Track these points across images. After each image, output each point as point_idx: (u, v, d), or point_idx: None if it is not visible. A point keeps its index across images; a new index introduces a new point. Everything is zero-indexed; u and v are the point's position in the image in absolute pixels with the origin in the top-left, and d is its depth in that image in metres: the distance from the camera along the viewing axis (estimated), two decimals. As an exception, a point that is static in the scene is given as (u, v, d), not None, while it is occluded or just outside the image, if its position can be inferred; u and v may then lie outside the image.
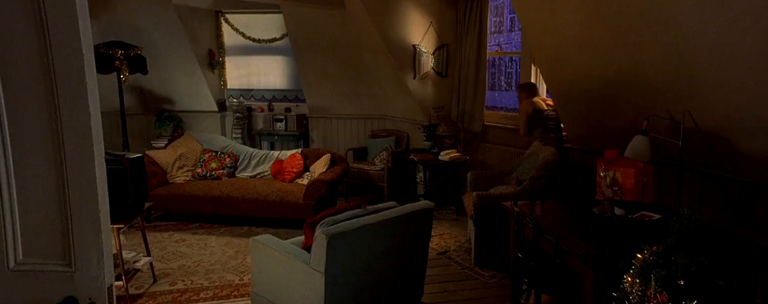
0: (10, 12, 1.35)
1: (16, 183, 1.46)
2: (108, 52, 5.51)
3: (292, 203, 4.61)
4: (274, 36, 6.56)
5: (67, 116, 1.37)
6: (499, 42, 5.61)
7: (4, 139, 1.44)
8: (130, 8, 5.80)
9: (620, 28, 3.12)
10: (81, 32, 1.33)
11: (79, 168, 1.41)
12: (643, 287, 1.59)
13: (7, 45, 1.37)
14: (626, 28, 3.08)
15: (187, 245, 4.43)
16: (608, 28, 3.21)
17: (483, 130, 5.70)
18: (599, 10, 3.17)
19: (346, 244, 2.69)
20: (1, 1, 1.35)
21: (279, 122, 6.57)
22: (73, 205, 1.44)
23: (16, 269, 1.50)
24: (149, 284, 3.63)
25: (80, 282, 1.48)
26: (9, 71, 1.38)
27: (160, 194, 4.82)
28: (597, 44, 3.34)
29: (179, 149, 5.32)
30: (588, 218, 2.83)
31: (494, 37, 5.64)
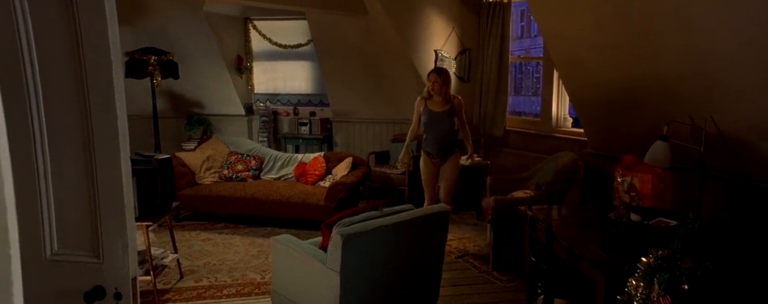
0: (48, 22, 1.48)
1: (52, 181, 1.59)
2: (142, 57, 5.76)
3: (314, 204, 4.72)
4: (299, 42, 6.72)
5: (96, 118, 1.48)
6: (527, 46, 5.61)
7: (43, 140, 1.56)
8: (163, 16, 6.05)
9: (639, 33, 3.11)
10: (110, 40, 1.45)
11: (106, 167, 1.53)
12: (647, 291, 1.60)
13: (45, 52, 1.50)
14: (645, 33, 3.06)
15: (213, 243, 4.58)
16: (627, 33, 3.20)
17: (505, 135, 5.70)
18: (617, 14, 3.16)
19: (362, 244, 2.76)
20: (41, 13, 1.48)
21: (303, 126, 6.71)
22: (101, 201, 1.55)
23: (52, 259, 1.62)
24: (176, 280, 3.78)
25: (107, 273, 1.59)
26: (46, 78, 1.51)
27: (189, 195, 4.99)
28: (616, 49, 3.34)
29: (207, 151, 5.51)
30: (603, 223, 2.83)
31: (522, 41, 5.65)
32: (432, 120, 4.07)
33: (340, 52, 6.07)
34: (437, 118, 4.07)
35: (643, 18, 3.02)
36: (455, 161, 4.18)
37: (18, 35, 1.48)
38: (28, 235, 1.60)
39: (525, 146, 5.47)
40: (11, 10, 1.48)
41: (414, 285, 3.17)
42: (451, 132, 4.14)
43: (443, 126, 4.08)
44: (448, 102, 4.09)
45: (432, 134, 4.12)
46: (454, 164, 4.18)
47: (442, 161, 4.14)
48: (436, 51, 5.50)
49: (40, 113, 1.54)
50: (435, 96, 4.07)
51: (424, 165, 4.22)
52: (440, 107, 4.08)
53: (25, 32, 1.49)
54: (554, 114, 5.20)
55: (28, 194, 1.56)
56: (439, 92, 4.04)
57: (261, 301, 3.46)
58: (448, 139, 4.13)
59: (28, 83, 1.52)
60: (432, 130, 4.10)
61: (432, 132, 4.11)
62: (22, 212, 1.58)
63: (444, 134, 4.10)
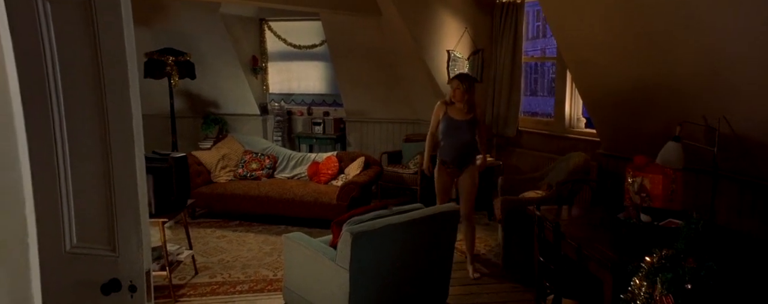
0: (69, 25, 1.55)
1: (71, 178, 1.66)
2: (160, 58, 5.88)
3: (326, 203, 4.77)
4: (313, 42, 6.79)
5: (113, 118, 1.55)
6: (542, 46, 5.60)
7: (63, 139, 1.63)
8: (180, 17, 6.17)
9: (650, 33, 3.09)
10: (126, 42, 1.51)
11: (122, 165, 1.59)
12: (651, 290, 1.61)
13: (65, 54, 1.57)
14: (656, 32, 3.05)
15: (227, 241, 4.66)
16: (639, 32, 3.19)
17: (517, 136, 5.70)
18: (629, 14, 3.15)
19: (371, 242, 2.80)
20: (62, 16, 1.55)
21: (317, 126, 6.78)
22: (117, 197, 1.61)
23: (72, 252, 1.69)
24: (191, 275, 3.86)
25: (122, 266, 1.65)
26: (66, 78, 1.58)
27: (204, 193, 5.09)
28: (627, 49, 3.32)
29: (222, 150, 5.60)
30: (613, 223, 2.83)
31: (537, 41, 5.64)
32: (451, 128, 3.82)
33: (354, 53, 6.12)
34: (457, 126, 3.81)
35: (654, 18, 3.01)
36: (473, 172, 3.91)
37: (41, 37, 1.55)
38: (48, 229, 1.67)
39: (538, 147, 5.46)
40: (35, 13, 1.55)
41: (423, 283, 3.20)
42: (471, 142, 3.88)
43: (463, 136, 3.83)
44: (471, 111, 3.82)
45: (449, 143, 3.85)
46: (471, 175, 3.90)
47: (458, 171, 3.89)
48: (448, 51, 5.52)
49: (60, 113, 1.61)
50: (457, 103, 3.81)
51: (438, 174, 3.96)
52: (462, 116, 3.81)
53: (48, 34, 1.56)
54: (567, 114, 5.18)
55: (48, 190, 1.64)
56: (461, 99, 3.78)
57: (273, 297, 3.52)
58: (466, 150, 3.87)
59: (50, 84, 1.59)
60: (450, 138, 3.85)
61: (450, 140, 3.85)
62: (43, 207, 1.65)
63: (463, 144, 3.84)
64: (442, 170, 3.93)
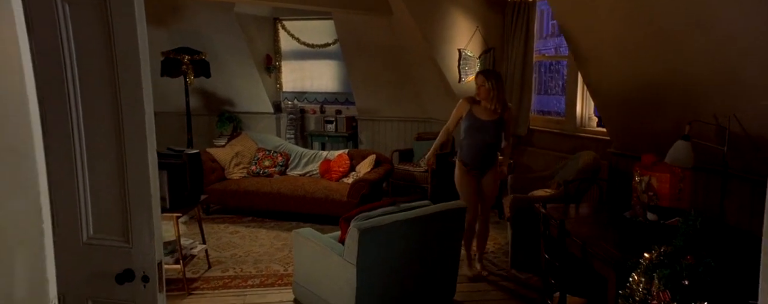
0: (86, 26, 1.62)
1: (88, 172, 1.73)
2: (176, 57, 5.99)
3: (337, 200, 4.84)
4: (326, 41, 6.86)
5: (127, 115, 1.62)
6: (556, 45, 5.56)
7: (80, 137, 1.71)
8: (196, 17, 6.28)
9: (660, 30, 3.09)
10: (139, 43, 1.58)
11: (135, 160, 1.66)
12: (649, 286, 1.64)
13: (83, 53, 1.64)
14: (666, 30, 3.04)
15: (240, 236, 4.76)
16: (648, 30, 3.18)
17: (528, 134, 5.69)
18: (637, 12, 3.15)
19: (377, 238, 2.85)
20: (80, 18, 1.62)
21: (329, 124, 6.85)
22: (130, 191, 1.69)
23: (88, 243, 1.77)
24: (204, 269, 3.96)
25: (136, 257, 1.73)
26: (83, 78, 1.66)
27: (218, 189, 5.19)
28: (637, 47, 3.32)
29: (236, 148, 5.70)
30: (619, 221, 2.84)
31: (549, 40, 5.61)
32: (474, 128, 3.56)
33: (366, 52, 6.18)
34: (482, 127, 3.54)
35: (664, 16, 3.00)
36: (495, 175, 3.71)
37: (60, 37, 1.63)
38: (66, 220, 1.76)
39: (549, 145, 5.45)
40: (55, 14, 1.63)
41: (430, 279, 3.24)
42: (495, 145, 3.64)
43: (487, 137, 3.57)
44: (498, 111, 3.55)
45: (472, 144, 3.59)
46: (494, 178, 3.70)
47: (480, 173, 3.67)
48: (459, 50, 5.54)
49: (77, 111, 1.69)
50: (484, 102, 3.54)
51: (460, 175, 3.70)
52: (488, 115, 3.55)
53: (66, 34, 1.64)
54: (579, 113, 5.17)
55: (67, 184, 1.72)
56: (486, 97, 3.51)
57: (283, 292, 3.59)
58: (489, 152, 3.63)
59: (68, 83, 1.67)
60: (472, 139, 3.58)
61: (472, 141, 3.59)
62: (61, 200, 1.74)
63: (487, 146, 3.59)
64: (463, 172, 3.69)
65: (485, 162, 3.64)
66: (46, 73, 1.66)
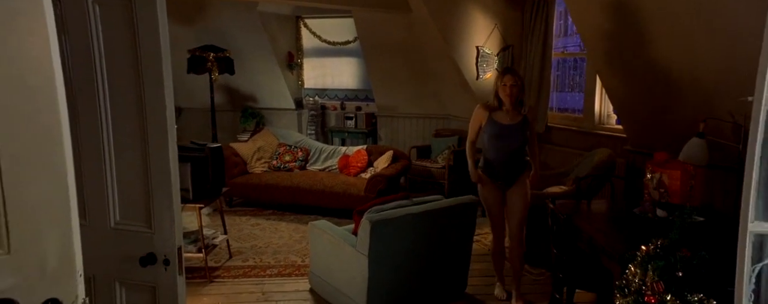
0: (114, 29, 1.75)
1: (115, 163, 1.87)
2: (202, 55, 6.19)
3: (355, 195, 4.94)
4: (347, 39, 6.97)
5: (150, 111, 1.75)
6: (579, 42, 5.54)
7: (108, 131, 1.85)
8: (220, 15, 6.47)
9: (675, 28, 3.08)
10: (161, 43, 1.70)
11: (157, 152, 1.79)
12: (644, 277, 1.68)
13: (112, 53, 1.77)
14: (681, 27, 3.04)
15: (261, 228, 4.92)
16: (663, 27, 3.18)
17: (546, 132, 5.69)
18: (652, 9, 3.15)
19: (389, 230, 2.94)
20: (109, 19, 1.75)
21: (349, 120, 6.97)
22: (153, 180, 1.82)
23: (116, 228, 1.91)
24: (226, 259, 4.12)
25: (157, 242, 1.86)
26: (112, 76, 1.79)
27: (240, 183, 5.36)
28: (652, 44, 3.32)
29: (258, 143, 5.87)
30: (628, 218, 2.86)
31: (571, 38, 5.59)
32: (498, 135, 3.17)
33: (385, 49, 6.26)
34: (506, 133, 3.15)
35: (678, 14, 3.00)
36: (524, 186, 3.25)
37: (91, 36, 1.77)
38: (96, 207, 1.90)
39: (567, 143, 5.44)
40: (86, 15, 1.76)
41: (441, 272, 3.32)
42: (521, 150, 3.25)
43: (513, 143, 3.18)
44: (520, 113, 3.20)
45: (497, 153, 3.21)
46: (522, 190, 3.24)
47: (507, 186, 3.25)
48: (477, 48, 5.57)
49: (106, 107, 1.82)
50: (507, 105, 3.14)
51: (485, 190, 3.30)
52: (510, 119, 3.16)
53: (96, 33, 1.78)
54: (597, 110, 5.15)
55: (96, 174, 1.86)
56: (510, 95, 3.11)
57: (300, 281, 3.72)
58: (517, 160, 3.23)
59: (98, 79, 1.80)
60: (497, 148, 3.20)
61: (496, 150, 3.20)
62: (91, 189, 1.89)
63: (513, 153, 3.20)
64: (488, 185, 3.27)
65: (512, 172, 3.22)
66: (79, 71, 1.80)
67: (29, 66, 1.00)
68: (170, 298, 1.90)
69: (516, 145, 3.21)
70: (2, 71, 0.97)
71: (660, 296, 1.63)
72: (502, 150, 3.21)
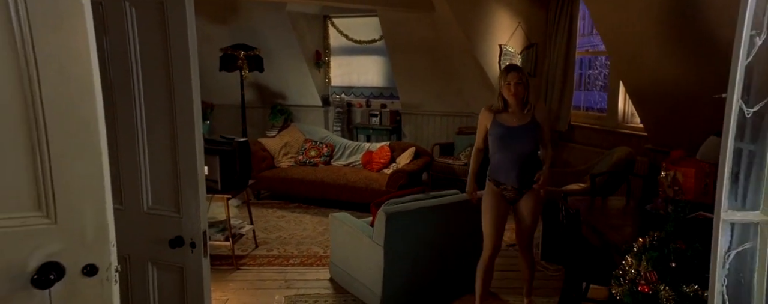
0: (148, 30, 1.92)
1: (148, 153, 2.05)
2: (233, 53, 6.44)
3: (376, 190, 5.08)
4: (373, 37, 7.11)
5: (178, 105, 1.91)
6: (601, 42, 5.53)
7: (142, 124, 2.02)
8: (251, 15, 6.71)
9: (694, 28, 3.09)
10: (189, 43, 1.86)
11: (185, 144, 1.95)
12: (638, 267, 1.75)
13: (146, 53, 1.95)
14: (699, 28, 3.05)
15: (286, 220, 5.11)
16: (683, 26, 3.18)
17: (569, 130, 5.69)
18: (672, 8, 3.16)
19: (404, 222, 3.06)
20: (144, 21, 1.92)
21: (374, 117, 7.11)
22: (181, 169, 1.98)
23: (148, 212, 2.09)
24: (252, 248, 4.32)
25: (185, 225, 2.02)
26: (146, 73, 1.96)
27: (267, 176, 5.58)
28: (672, 43, 3.32)
29: (285, 138, 6.08)
30: (640, 214, 2.89)
31: (596, 37, 5.58)
32: (506, 138, 2.90)
33: (409, 48, 6.37)
34: (514, 135, 2.88)
35: (698, 11, 3.01)
36: (536, 194, 2.96)
37: (128, 37, 1.94)
38: (131, 193, 2.08)
39: (590, 141, 5.44)
40: (124, 16, 1.94)
41: (455, 265, 3.41)
42: (533, 155, 2.95)
43: (523, 146, 2.90)
44: (529, 111, 2.90)
45: (505, 158, 2.92)
46: (535, 199, 2.95)
47: (517, 195, 2.96)
48: (500, 46, 5.62)
49: (140, 102, 2.00)
50: (512, 104, 2.89)
51: (489, 198, 2.99)
52: (518, 120, 2.89)
53: (132, 34, 1.95)
54: (621, 109, 5.13)
55: (131, 164, 2.04)
56: (515, 94, 2.85)
57: (320, 271, 3.88)
58: (528, 165, 2.92)
59: (133, 77, 1.98)
60: (505, 152, 2.92)
61: (505, 155, 2.92)
62: (128, 177, 2.07)
63: (523, 157, 2.90)
64: (494, 194, 2.98)
65: (524, 178, 2.92)
66: (117, 70, 1.98)
67: (71, 62, 1.16)
68: (196, 278, 2.06)
69: (526, 148, 2.91)
70: (49, 67, 1.14)
71: (653, 285, 1.70)
72: (510, 154, 2.92)
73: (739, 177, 1.25)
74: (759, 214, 1.22)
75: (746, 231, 1.26)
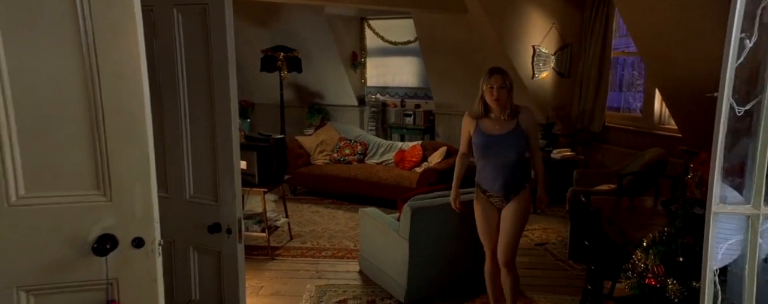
0: (192, 34, 2.12)
1: (191, 147, 2.24)
2: (273, 54, 6.71)
3: (407, 187, 5.20)
4: (408, 39, 7.24)
5: (217, 103, 2.09)
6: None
7: (185, 116, 2.22)
8: (291, 18, 6.97)
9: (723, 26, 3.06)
10: (228, 46, 2.05)
11: (223, 139, 2.13)
12: (647, 261, 1.81)
13: (191, 55, 2.14)
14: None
15: (320, 215, 5.31)
16: (714, 26, 3.16)
17: (604, 131, 5.65)
18: (703, 8, 3.15)
19: (428, 217, 3.18)
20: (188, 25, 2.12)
21: (408, 117, 7.24)
22: (219, 162, 2.16)
23: (190, 200, 2.28)
24: (286, 240, 4.54)
25: (222, 213, 2.21)
26: (190, 74, 2.16)
27: (303, 173, 5.80)
28: (703, 43, 3.30)
29: (321, 136, 6.29)
30: (665, 214, 2.90)
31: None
32: (487, 146, 2.77)
33: (442, 49, 6.46)
34: (496, 144, 2.75)
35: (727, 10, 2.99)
36: (523, 202, 2.81)
37: (175, 40, 2.14)
38: (176, 183, 2.29)
39: (625, 142, 5.39)
40: (172, 20, 2.14)
41: (478, 261, 3.49)
42: (519, 164, 2.79)
43: (506, 155, 2.75)
44: (512, 117, 2.76)
45: (488, 167, 2.81)
46: (520, 205, 2.80)
47: (504, 202, 2.83)
48: (534, 47, 5.64)
49: (184, 101, 2.19)
50: (495, 110, 2.76)
51: (478, 205, 2.92)
52: (501, 127, 2.75)
53: (178, 37, 2.15)
54: (657, 110, 5.07)
55: (176, 156, 2.24)
56: (505, 103, 2.73)
57: (350, 263, 4.05)
58: (513, 174, 2.78)
59: (179, 77, 2.18)
60: (488, 160, 2.80)
61: (488, 164, 2.81)
62: (173, 168, 2.28)
63: (507, 167, 2.77)
64: (483, 201, 2.90)
65: (509, 187, 2.79)
66: (165, 70, 2.19)
67: (124, 65, 1.35)
68: (232, 262, 2.25)
69: (509, 158, 2.75)
70: (107, 69, 1.33)
71: (660, 279, 1.75)
72: (493, 164, 2.79)
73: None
74: (749, 207, 1.28)
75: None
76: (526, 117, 2.79)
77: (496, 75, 2.76)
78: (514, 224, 2.80)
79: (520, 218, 2.81)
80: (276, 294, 3.53)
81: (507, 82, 2.74)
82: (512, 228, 2.81)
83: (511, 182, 2.79)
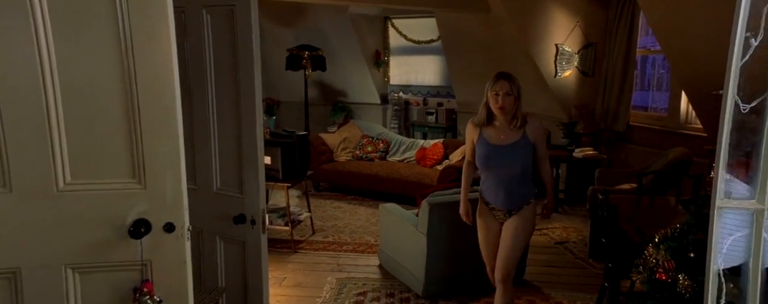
0: (220, 34, 2.23)
1: (218, 142, 2.36)
2: (298, 53, 6.86)
3: (427, 184, 5.26)
4: (431, 38, 7.28)
5: (243, 100, 2.20)
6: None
7: (213, 113, 2.34)
8: (316, 17, 7.10)
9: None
10: (253, 46, 2.15)
11: (248, 134, 2.24)
12: (658, 256, 1.83)
13: (218, 54, 2.25)
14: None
15: (342, 211, 5.42)
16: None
17: (628, 131, 5.59)
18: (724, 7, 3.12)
19: (445, 212, 3.24)
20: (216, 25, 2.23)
21: (430, 115, 7.29)
22: (244, 156, 2.27)
23: (217, 192, 2.40)
24: (309, 234, 4.66)
25: (246, 205, 2.32)
26: (217, 71, 2.28)
27: (326, 169, 5.92)
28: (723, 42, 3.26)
29: (344, 134, 6.41)
30: (684, 213, 2.90)
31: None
32: (490, 157, 2.60)
33: (465, 48, 6.49)
34: (500, 155, 2.58)
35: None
36: (526, 218, 2.64)
37: (204, 40, 2.26)
38: (204, 175, 2.41)
39: (650, 142, 5.33)
40: (201, 22, 2.26)
41: (498, 256, 3.54)
42: (524, 176, 2.62)
43: (511, 167, 2.59)
44: (520, 126, 2.57)
45: (491, 179, 2.65)
46: (523, 221, 2.63)
47: (507, 216, 2.66)
48: (557, 45, 5.62)
49: (212, 99, 2.30)
50: (499, 118, 2.58)
51: (480, 217, 2.76)
52: (506, 137, 2.58)
53: (207, 38, 2.26)
54: (683, 110, 5.00)
55: (205, 150, 2.36)
56: (510, 112, 2.55)
57: (370, 258, 4.14)
58: (518, 186, 2.62)
59: (207, 77, 2.29)
60: (491, 171, 2.64)
61: (491, 176, 2.65)
62: (202, 162, 2.39)
63: (511, 180, 2.61)
64: (486, 214, 2.73)
65: (513, 201, 2.63)
66: (195, 69, 2.30)
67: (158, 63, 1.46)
68: (255, 251, 2.35)
69: (514, 170, 2.58)
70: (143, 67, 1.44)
71: (671, 274, 1.78)
72: (496, 176, 2.62)
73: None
74: (754, 202, 1.31)
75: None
76: (535, 126, 2.60)
77: (502, 80, 2.56)
78: (514, 240, 2.62)
79: (521, 234, 2.63)
80: (298, 285, 3.64)
81: (514, 89, 2.54)
82: (512, 244, 2.62)
83: (515, 196, 2.61)
